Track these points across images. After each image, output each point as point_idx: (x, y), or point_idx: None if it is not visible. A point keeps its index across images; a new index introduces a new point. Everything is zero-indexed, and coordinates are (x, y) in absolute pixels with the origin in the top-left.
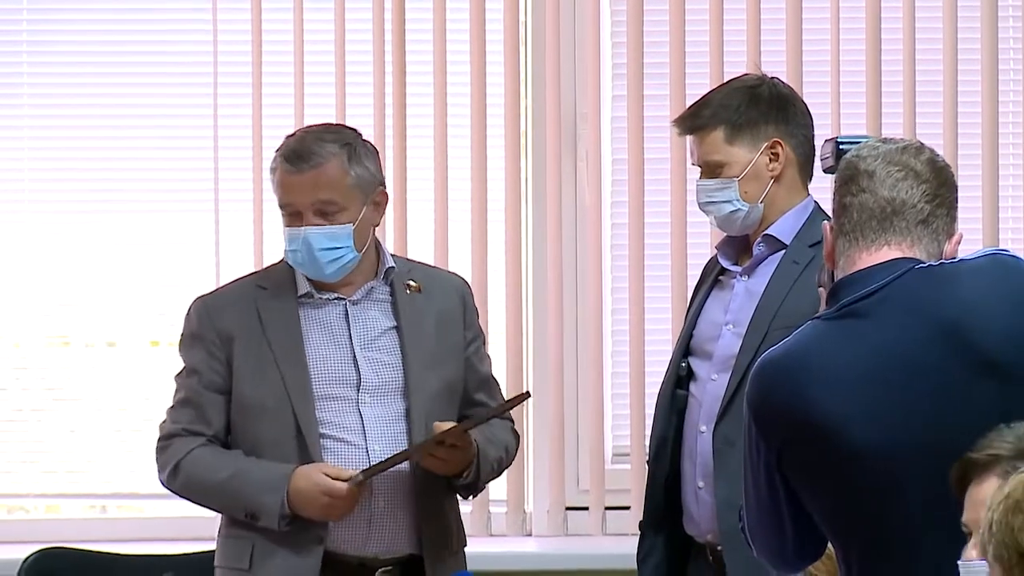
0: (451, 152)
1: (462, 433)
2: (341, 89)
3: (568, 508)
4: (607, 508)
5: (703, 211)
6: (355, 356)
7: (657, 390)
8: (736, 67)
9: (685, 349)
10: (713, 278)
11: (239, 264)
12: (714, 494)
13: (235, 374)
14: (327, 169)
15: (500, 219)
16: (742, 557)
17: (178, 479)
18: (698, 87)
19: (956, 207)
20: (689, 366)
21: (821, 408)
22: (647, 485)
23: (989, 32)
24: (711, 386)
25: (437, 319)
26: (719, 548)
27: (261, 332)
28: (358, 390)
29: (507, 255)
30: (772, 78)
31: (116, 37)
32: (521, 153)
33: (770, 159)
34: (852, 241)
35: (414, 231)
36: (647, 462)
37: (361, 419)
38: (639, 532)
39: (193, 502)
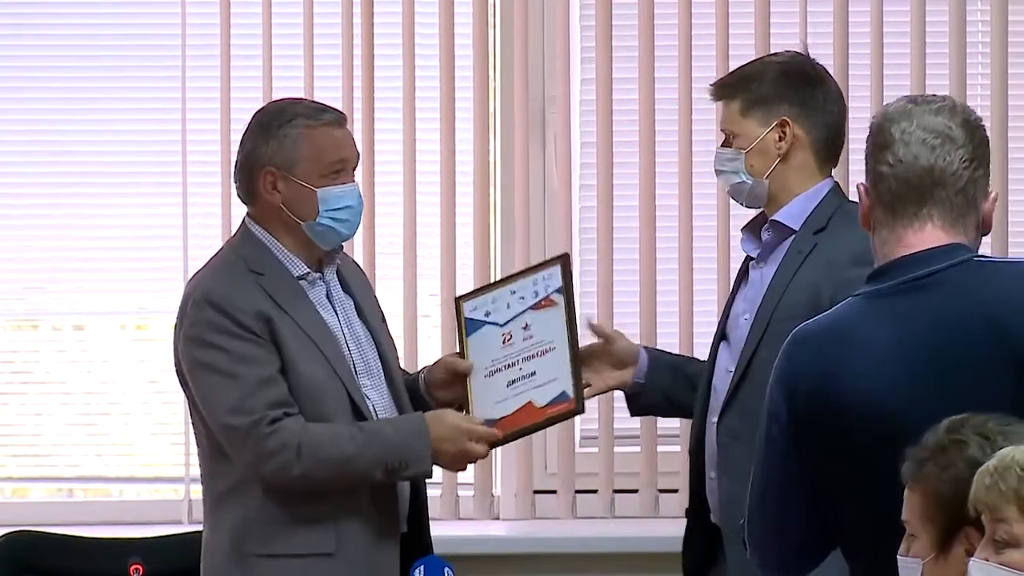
0: (420, 135)
1: None
2: (309, 71)
3: (536, 492)
4: (577, 492)
5: (719, 179)
6: (345, 335)
7: None
8: (705, 51)
9: (721, 336)
10: (744, 265)
11: (207, 248)
12: (718, 487)
13: (285, 354)
14: None
15: (469, 202)
16: (742, 551)
17: (304, 461)
18: (667, 71)
19: (989, 163)
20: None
21: (856, 385)
22: (690, 471)
23: (957, 40)
24: (726, 377)
25: (367, 291)
26: None
27: (285, 314)
28: (369, 370)
29: (475, 238)
30: (807, 58)
31: (84, 20)
32: (490, 136)
33: (779, 137)
34: (892, 213)
35: (382, 214)
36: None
37: (390, 397)
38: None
39: (315, 483)
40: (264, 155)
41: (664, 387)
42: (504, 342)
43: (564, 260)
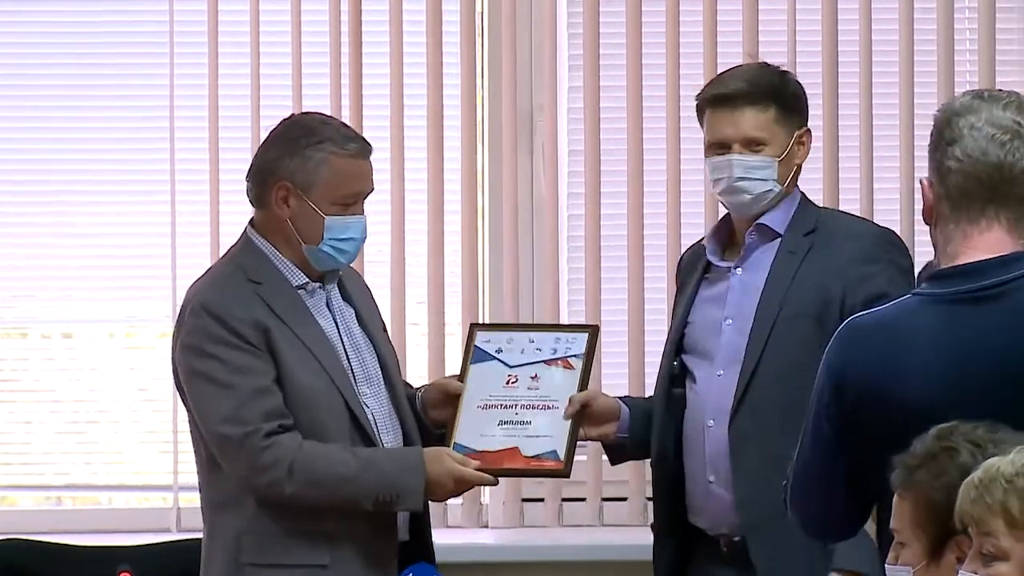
0: (407, 143)
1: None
2: (297, 80)
3: (524, 499)
4: (565, 500)
5: (733, 187)
6: (344, 344)
7: (612, 383)
8: (693, 59)
9: (677, 347)
10: (700, 274)
11: (196, 257)
12: (732, 490)
13: (282, 364)
14: None
15: (456, 210)
16: (768, 547)
17: (295, 480)
18: (655, 79)
19: None
20: (683, 364)
21: (905, 383)
22: (654, 486)
23: (945, 48)
24: (717, 382)
25: (368, 299)
26: (735, 539)
27: (283, 324)
28: (369, 378)
29: (463, 246)
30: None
31: (71, 27)
32: (478, 144)
33: (798, 147)
34: (959, 209)
35: (370, 223)
36: (651, 464)
37: (389, 405)
38: (652, 533)
39: (306, 504)
40: (283, 169)
41: (644, 436)
42: (508, 383)
43: (593, 331)
